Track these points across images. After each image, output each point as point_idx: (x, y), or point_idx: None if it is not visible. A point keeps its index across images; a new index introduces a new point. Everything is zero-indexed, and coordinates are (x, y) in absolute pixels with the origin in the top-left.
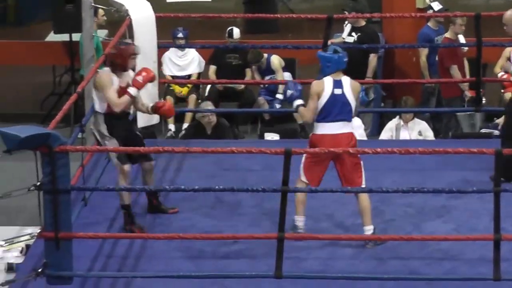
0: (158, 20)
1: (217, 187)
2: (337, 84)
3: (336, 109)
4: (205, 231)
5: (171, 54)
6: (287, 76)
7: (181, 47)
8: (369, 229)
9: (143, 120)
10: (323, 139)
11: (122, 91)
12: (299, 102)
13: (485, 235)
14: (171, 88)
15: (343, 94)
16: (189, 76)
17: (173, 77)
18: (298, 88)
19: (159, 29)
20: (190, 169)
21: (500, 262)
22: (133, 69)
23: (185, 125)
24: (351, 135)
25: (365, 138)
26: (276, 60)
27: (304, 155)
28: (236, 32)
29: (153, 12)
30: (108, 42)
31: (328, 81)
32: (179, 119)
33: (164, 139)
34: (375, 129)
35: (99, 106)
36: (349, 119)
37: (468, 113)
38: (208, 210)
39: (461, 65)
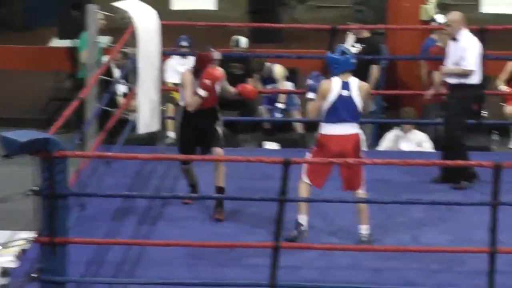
0: (163, 27)
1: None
2: (345, 85)
3: (343, 110)
4: (203, 239)
5: (175, 61)
6: (289, 85)
7: (183, 55)
8: (365, 229)
9: (144, 127)
10: (330, 139)
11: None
12: (310, 95)
13: (481, 248)
14: (172, 95)
15: (350, 96)
16: None
17: (175, 84)
18: (316, 80)
19: (163, 36)
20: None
21: (495, 275)
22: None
23: None
24: (357, 136)
25: (365, 149)
26: (278, 70)
27: (309, 155)
28: (243, 41)
29: (158, 20)
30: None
31: (336, 81)
32: None
33: (164, 146)
34: (374, 141)
35: (181, 100)
36: (356, 120)
37: None
38: (207, 217)
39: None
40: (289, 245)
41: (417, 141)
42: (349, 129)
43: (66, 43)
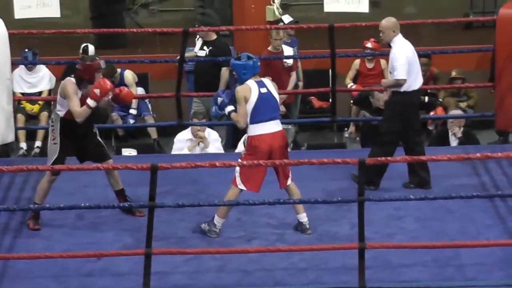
0: (9, 36)
1: (82, 204)
2: (261, 84)
3: (267, 108)
4: (68, 249)
5: (21, 71)
6: (140, 91)
7: (32, 64)
8: (303, 217)
9: None
10: (262, 139)
11: (83, 101)
12: (230, 108)
13: (350, 244)
14: (22, 105)
15: (269, 92)
16: (40, 93)
17: (23, 94)
18: (227, 95)
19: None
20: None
21: (364, 270)
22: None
23: (38, 143)
24: (284, 132)
25: (222, 151)
26: (129, 75)
27: (240, 162)
28: (91, 48)
29: (5, 29)
30: None
31: (252, 83)
32: (30, 137)
33: (16, 157)
34: (230, 142)
35: (60, 109)
36: (279, 117)
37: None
38: (70, 227)
39: (279, 77)
40: (160, 251)
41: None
42: (276, 126)
43: None
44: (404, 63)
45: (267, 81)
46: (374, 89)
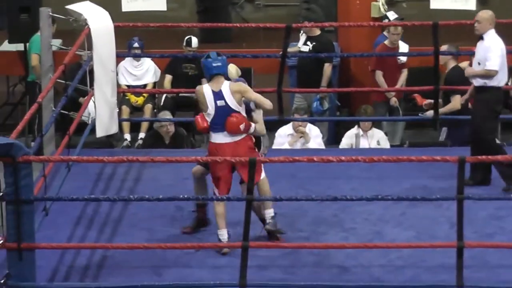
0: (115, 29)
1: (181, 196)
2: (217, 95)
3: (224, 120)
4: (167, 240)
5: (127, 63)
6: None
7: (137, 57)
8: (269, 212)
9: (102, 130)
10: (221, 148)
11: None
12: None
13: (448, 243)
14: (127, 97)
15: (226, 105)
16: (145, 85)
17: (128, 86)
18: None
19: (115, 38)
20: (150, 179)
21: (463, 269)
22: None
23: (141, 135)
24: (246, 141)
25: (323, 147)
26: (233, 69)
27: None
28: (195, 41)
29: (112, 22)
30: (66, 52)
31: (207, 92)
32: (134, 129)
33: (120, 148)
34: (332, 138)
35: None
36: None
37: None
38: (169, 219)
39: (391, 73)
40: (257, 245)
41: (376, 139)
42: (235, 136)
43: (16, 47)
44: (499, 54)
45: (226, 88)
46: None
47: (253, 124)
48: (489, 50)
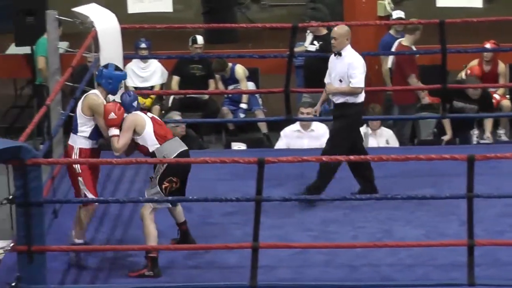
0: (122, 31)
1: (190, 197)
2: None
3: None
4: (176, 241)
5: (134, 65)
6: (251, 85)
7: (144, 58)
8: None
9: None
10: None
11: None
12: None
13: (458, 241)
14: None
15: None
16: (152, 87)
17: (136, 88)
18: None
19: (122, 40)
20: None
21: (474, 267)
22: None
23: None
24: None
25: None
26: (240, 70)
27: (79, 172)
28: (200, 38)
29: (118, 24)
30: (73, 54)
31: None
32: None
33: None
34: None
35: None
36: (74, 132)
37: (428, 120)
38: None
39: (417, 73)
40: (267, 245)
41: (385, 138)
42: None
43: (23, 50)
44: (361, 71)
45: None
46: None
47: None
48: (352, 67)
